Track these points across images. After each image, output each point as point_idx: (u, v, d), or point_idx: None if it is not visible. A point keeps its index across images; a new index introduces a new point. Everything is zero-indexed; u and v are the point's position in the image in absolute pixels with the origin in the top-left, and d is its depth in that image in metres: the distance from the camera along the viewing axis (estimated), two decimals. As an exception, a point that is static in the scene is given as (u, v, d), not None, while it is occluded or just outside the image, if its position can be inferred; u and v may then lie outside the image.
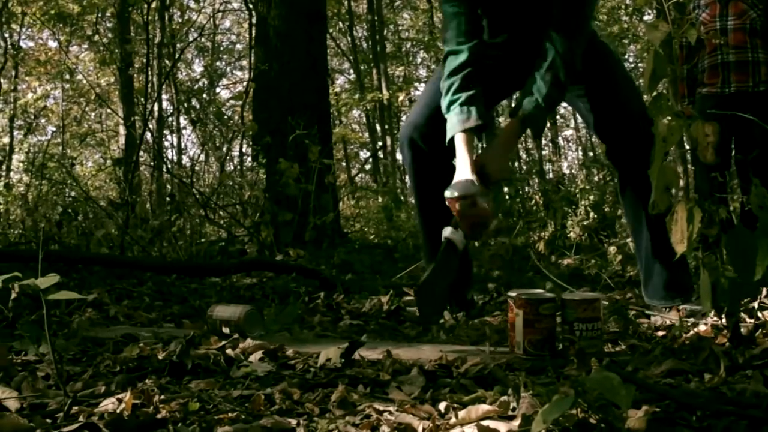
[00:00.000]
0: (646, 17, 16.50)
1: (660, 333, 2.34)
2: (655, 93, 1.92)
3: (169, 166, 8.28)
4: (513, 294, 2.08)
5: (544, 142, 17.61)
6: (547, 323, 2.03)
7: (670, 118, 1.83)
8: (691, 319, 2.50)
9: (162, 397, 1.54)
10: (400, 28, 21.10)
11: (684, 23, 1.87)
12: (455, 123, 2.59)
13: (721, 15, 4.90)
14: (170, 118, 16.03)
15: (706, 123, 1.84)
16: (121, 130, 13.29)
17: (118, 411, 1.44)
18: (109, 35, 15.00)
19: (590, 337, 1.99)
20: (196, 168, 8.69)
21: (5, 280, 1.63)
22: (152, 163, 8.33)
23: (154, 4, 9.78)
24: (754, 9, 4.84)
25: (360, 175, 18.31)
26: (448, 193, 2.46)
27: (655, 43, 1.87)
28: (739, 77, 4.88)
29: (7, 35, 15.06)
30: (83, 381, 1.72)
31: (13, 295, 1.75)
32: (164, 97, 14.11)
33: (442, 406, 1.48)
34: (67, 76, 17.16)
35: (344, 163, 19.41)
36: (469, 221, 2.45)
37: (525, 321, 2.02)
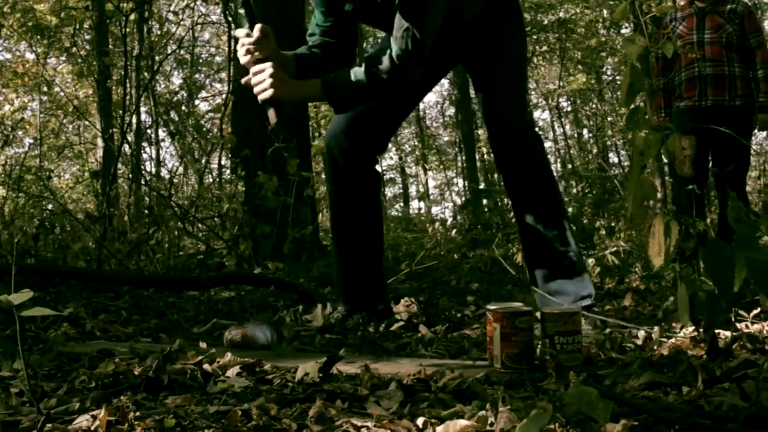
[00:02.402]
0: (623, 30, 16.66)
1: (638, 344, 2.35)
2: (632, 106, 1.93)
3: (148, 178, 8.23)
4: (491, 307, 2.08)
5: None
6: (524, 336, 2.03)
7: (647, 131, 1.84)
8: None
9: (137, 413, 1.52)
10: (378, 41, 21.18)
11: (661, 37, 1.88)
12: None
13: (698, 28, 4.94)
14: (149, 131, 15.98)
15: (683, 136, 1.85)
16: (99, 142, 13.22)
17: (92, 428, 1.42)
18: (87, 47, 14.92)
19: (570, 350, 1.99)
20: (175, 181, 8.63)
21: (-23, 295, 1.60)
22: (130, 176, 8.29)
23: (132, 17, 9.75)
24: (731, 24, 4.87)
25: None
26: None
27: (632, 57, 1.88)
28: (715, 91, 4.91)
29: (-17, 47, 14.97)
30: (57, 397, 1.70)
31: (-14, 311, 1.72)
32: (143, 109, 14.09)
33: (420, 421, 1.47)
34: (45, 89, 17.05)
35: (323, 176, 19.41)
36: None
37: (502, 334, 2.02)
